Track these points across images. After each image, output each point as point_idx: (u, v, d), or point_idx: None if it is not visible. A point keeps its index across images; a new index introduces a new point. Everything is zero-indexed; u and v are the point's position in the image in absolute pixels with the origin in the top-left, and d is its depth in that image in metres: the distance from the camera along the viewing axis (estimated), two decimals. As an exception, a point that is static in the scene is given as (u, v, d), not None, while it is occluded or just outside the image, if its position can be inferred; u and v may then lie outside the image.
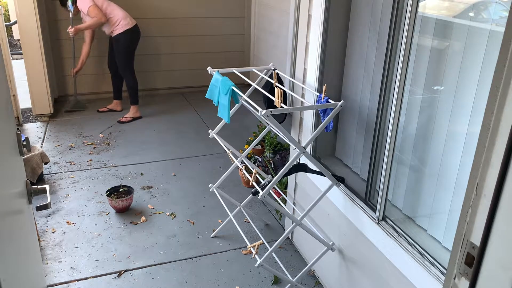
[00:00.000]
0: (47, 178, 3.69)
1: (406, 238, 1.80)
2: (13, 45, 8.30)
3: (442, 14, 1.74)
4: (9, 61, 4.58)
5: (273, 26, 5.49)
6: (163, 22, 5.69)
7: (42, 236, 2.97)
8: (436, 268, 1.62)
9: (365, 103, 2.21)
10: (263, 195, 1.97)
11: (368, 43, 2.15)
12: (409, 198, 1.94)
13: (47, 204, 1.53)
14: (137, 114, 5.07)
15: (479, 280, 0.81)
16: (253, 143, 2.87)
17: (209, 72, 2.49)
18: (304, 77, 2.55)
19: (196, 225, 3.14)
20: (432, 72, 1.74)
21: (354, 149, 2.36)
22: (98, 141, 4.45)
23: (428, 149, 1.80)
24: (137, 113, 5.06)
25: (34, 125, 4.82)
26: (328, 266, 2.48)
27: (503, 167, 0.74)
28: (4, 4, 8.96)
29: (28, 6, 4.46)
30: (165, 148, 4.34)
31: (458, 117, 1.64)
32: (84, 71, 5.39)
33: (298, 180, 2.75)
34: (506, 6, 1.56)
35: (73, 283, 2.58)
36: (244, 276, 2.67)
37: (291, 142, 2.00)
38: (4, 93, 1.32)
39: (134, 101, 5.02)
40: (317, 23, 2.31)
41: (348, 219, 2.19)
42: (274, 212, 3.34)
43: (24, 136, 1.62)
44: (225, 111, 2.25)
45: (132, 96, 5.00)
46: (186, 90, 6.05)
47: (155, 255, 2.83)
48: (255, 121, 4.58)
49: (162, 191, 3.57)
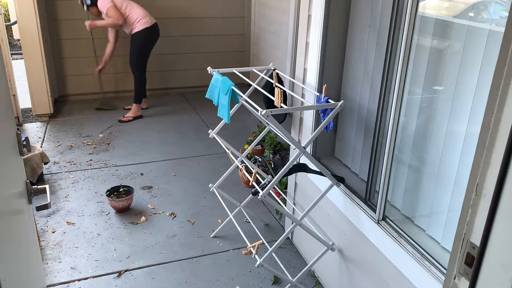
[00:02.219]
0: (47, 178, 3.69)
1: (406, 238, 1.80)
2: (13, 45, 8.30)
3: (442, 14, 1.74)
4: (9, 61, 4.57)
5: (273, 26, 5.48)
6: (163, 22, 5.67)
7: (42, 236, 2.97)
8: (436, 268, 1.62)
9: (365, 103, 2.21)
10: (263, 195, 1.97)
11: (367, 43, 2.15)
12: (408, 198, 1.94)
13: (47, 204, 1.53)
14: (138, 113, 5.09)
15: (479, 280, 0.81)
16: (253, 143, 2.87)
17: (209, 72, 2.49)
18: (304, 77, 2.55)
19: (196, 225, 3.14)
20: (432, 72, 1.74)
21: (353, 149, 2.36)
22: (98, 141, 4.45)
23: (427, 149, 1.80)
24: (138, 112, 5.08)
25: (34, 125, 4.82)
26: (328, 266, 2.48)
27: (503, 167, 0.74)
28: (4, 4, 8.96)
29: (28, 6, 4.46)
30: (165, 148, 4.34)
31: (457, 117, 1.64)
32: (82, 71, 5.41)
33: (298, 180, 2.75)
34: (506, 6, 1.56)
35: (73, 283, 2.58)
36: (244, 276, 2.67)
37: (291, 142, 2.00)
38: (4, 93, 1.32)
39: (138, 100, 5.05)
40: (317, 23, 2.31)
41: (348, 219, 2.19)
42: (274, 212, 3.34)
43: (24, 136, 1.62)
44: (225, 111, 2.25)
45: (137, 94, 5.03)
46: (186, 90, 6.05)
47: (155, 255, 2.83)
48: (255, 121, 4.58)
49: (162, 191, 3.57)
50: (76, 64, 5.48)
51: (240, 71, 2.52)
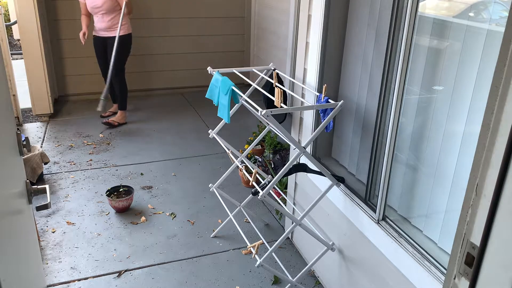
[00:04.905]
0: (47, 178, 3.69)
1: (406, 238, 1.80)
2: (13, 45, 8.30)
3: (442, 14, 1.74)
4: (9, 61, 4.57)
5: (273, 26, 5.48)
6: (163, 22, 5.69)
7: (42, 236, 2.97)
8: (436, 268, 1.62)
9: (363, 103, 2.21)
10: (263, 195, 1.97)
11: (367, 43, 2.15)
12: (405, 199, 1.94)
13: (47, 204, 1.53)
14: (124, 120, 4.89)
15: (479, 280, 0.81)
16: (253, 143, 2.87)
17: (209, 72, 2.49)
18: (304, 77, 2.55)
19: (196, 225, 3.14)
20: (431, 72, 1.74)
21: (350, 149, 2.36)
22: (98, 141, 4.44)
23: (425, 149, 1.80)
24: (123, 119, 4.89)
25: (34, 125, 4.82)
26: (328, 266, 2.48)
27: (503, 167, 0.74)
28: (4, 4, 8.96)
29: (28, 6, 4.46)
30: (165, 148, 4.34)
31: (457, 117, 1.63)
32: (82, 71, 5.39)
33: (298, 180, 2.75)
34: (506, 6, 1.56)
35: (73, 283, 2.57)
36: (244, 276, 2.67)
37: (291, 142, 2.00)
38: (4, 93, 1.32)
39: (124, 106, 4.87)
40: (317, 23, 2.31)
41: (348, 219, 2.19)
42: (274, 212, 3.34)
43: (24, 136, 1.62)
44: (225, 111, 2.26)
45: (123, 101, 4.84)
46: (186, 90, 6.05)
47: (155, 255, 2.82)
48: (255, 121, 4.58)
49: (162, 191, 3.57)
50: (76, 64, 5.47)
51: (240, 71, 2.52)
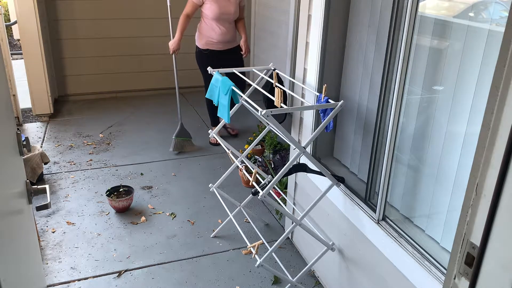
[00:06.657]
0: (47, 178, 3.69)
1: (406, 238, 1.80)
2: (13, 45, 8.30)
3: (442, 14, 1.74)
4: (9, 61, 4.57)
5: (273, 26, 5.48)
6: (164, 22, 5.68)
7: (42, 236, 2.97)
8: (436, 268, 1.62)
9: (364, 103, 2.21)
10: (263, 195, 1.97)
11: (367, 43, 2.15)
12: (407, 198, 1.94)
13: (47, 204, 1.53)
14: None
15: (479, 280, 0.81)
16: (253, 143, 2.87)
17: (209, 72, 2.49)
18: (304, 77, 2.55)
19: (196, 225, 3.14)
20: (431, 72, 1.74)
21: (352, 149, 2.36)
22: (98, 141, 4.44)
23: (426, 149, 1.80)
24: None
25: (34, 125, 4.82)
26: (328, 266, 2.48)
27: (503, 167, 0.74)
28: (4, 4, 8.96)
29: (28, 6, 4.46)
30: (165, 148, 4.33)
31: (458, 117, 1.64)
32: (82, 71, 5.39)
33: (298, 180, 2.75)
34: (506, 6, 1.56)
35: (73, 283, 2.57)
36: (244, 276, 2.67)
37: (291, 142, 2.00)
38: (4, 93, 1.32)
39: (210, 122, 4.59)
40: (317, 23, 2.31)
41: (348, 219, 2.19)
42: (274, 212, 3.34)
43: (24, 136, 1.61)
44: (225, 111, 2.26)
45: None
46: (186, 90, 6.04)
47: (155, 255, 2.82)
48: (255, 121, 4.58)
49: (162, 191, 3.57)
50: (76, 64, 5.47)
51: (240, 71, 2.52)
